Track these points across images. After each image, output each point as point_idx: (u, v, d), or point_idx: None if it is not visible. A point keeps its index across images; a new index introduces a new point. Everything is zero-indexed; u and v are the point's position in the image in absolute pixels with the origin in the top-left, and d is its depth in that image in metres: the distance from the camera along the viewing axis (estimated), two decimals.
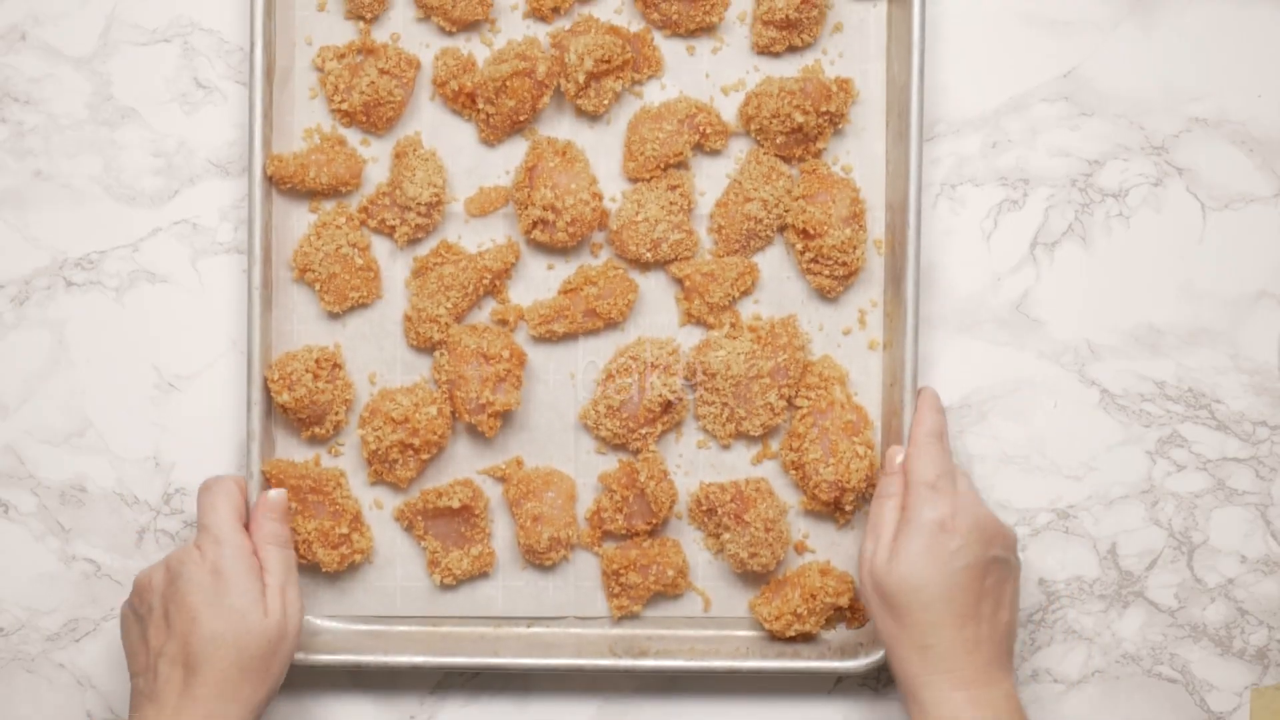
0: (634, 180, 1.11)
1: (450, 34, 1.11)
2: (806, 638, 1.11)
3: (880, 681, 1.12)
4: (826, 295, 1.11)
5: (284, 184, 1.09)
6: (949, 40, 1.12)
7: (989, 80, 1.13)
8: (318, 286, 1.10)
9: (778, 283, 1.12)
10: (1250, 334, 1.13)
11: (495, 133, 1.11)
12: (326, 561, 1.09)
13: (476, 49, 1.11)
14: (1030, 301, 1.13)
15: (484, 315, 1.11)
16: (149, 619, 1.03)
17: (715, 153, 1.12)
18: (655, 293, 1.12)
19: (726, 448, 1.12)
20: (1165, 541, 1.13)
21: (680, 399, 1.10)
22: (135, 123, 1.12)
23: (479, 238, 1.11)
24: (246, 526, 1.06)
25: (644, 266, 1.11)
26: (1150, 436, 1.13)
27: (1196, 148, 1.13)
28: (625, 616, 1.12)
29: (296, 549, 1.08)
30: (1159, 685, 1.13)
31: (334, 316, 1.11)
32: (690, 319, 1.11)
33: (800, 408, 1.10)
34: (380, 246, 1.11)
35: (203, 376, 1.12)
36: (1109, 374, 1.13)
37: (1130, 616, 1.13)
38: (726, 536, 1.09)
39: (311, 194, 1.11)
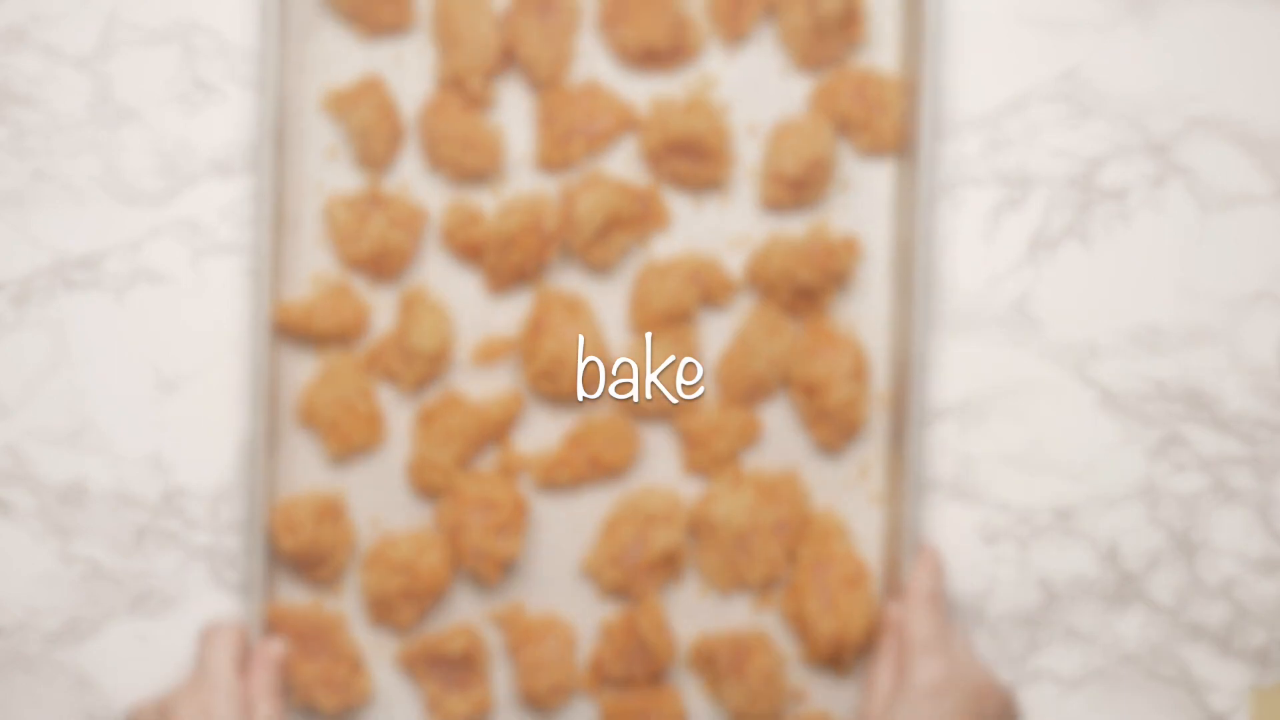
0: (640, 332, 1.11)
1: (459, 183, 1.11)
2: None
3: None
4: (829, 449, 1.11)
5: (291, 333, 1.09)
6: (949, 40, 1.12)
7: (989, 80, 1.13)
8: (322, 432, 1.10)
9: (780, 435, 1.12)
10: (1250, 334, 1.13)
11: (502, 283, 1.11)
12: (326, 705, 1.09)
13: (485, 199, 1.11)
14: (1030, 301, 1.13)
15: (488, 461, 1.11)
16: None
17: (721, 306, 1.12)
18: (658, 444, 1.12)
19: (727, 597, 1.12)
20: (1165, 541, 1.13)
21: (681, 550, 1.10)
22: (136, 123, 1.12)
23: (484, 386, 1.11)
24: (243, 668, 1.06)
25: (647, 417, 1.12)
26: (1150, 436, 1.13)
27: (1196, 148, 1.13)
28: None
29: (296, 691, 1.09)
30: (1159, 685, 1.13)
31: (338, 461, 1.11)
32: (693, 470, 1.12)
33: (801, 559, 1.11)
34: (385, 392, 1.11)
35: (203, 376, 1.12)
36: (1109, 374, 1.13)
37: (1130, 616, 1.13)
38: (726, 686, 1.10)
39: (317, 339, 1.11)
